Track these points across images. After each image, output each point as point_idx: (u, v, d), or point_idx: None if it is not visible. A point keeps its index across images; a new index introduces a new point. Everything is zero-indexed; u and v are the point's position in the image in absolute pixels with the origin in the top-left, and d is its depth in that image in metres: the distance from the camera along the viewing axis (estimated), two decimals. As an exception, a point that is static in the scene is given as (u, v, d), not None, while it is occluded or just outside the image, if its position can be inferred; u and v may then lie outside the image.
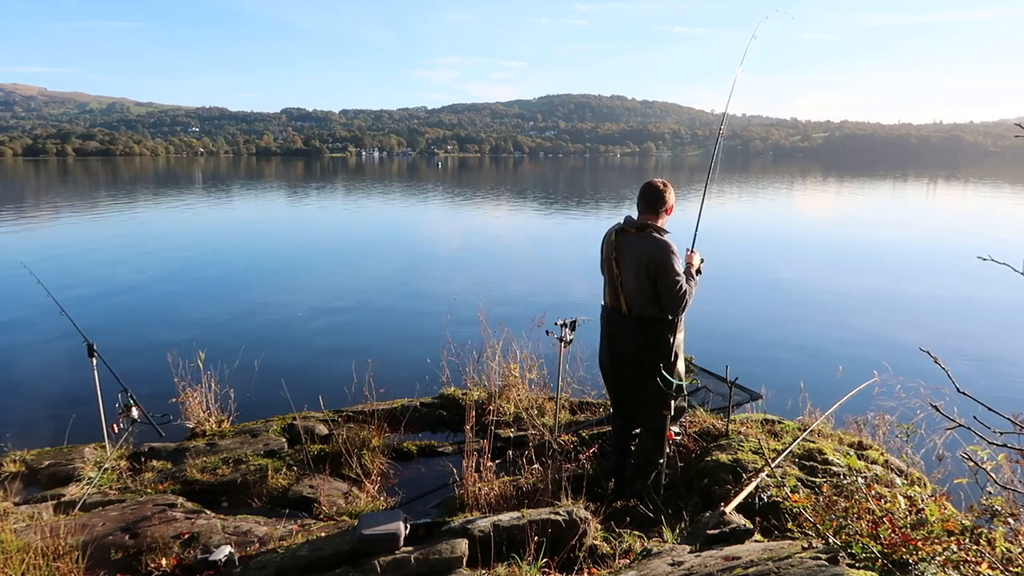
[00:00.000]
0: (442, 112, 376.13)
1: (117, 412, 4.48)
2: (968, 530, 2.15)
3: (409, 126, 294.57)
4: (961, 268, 14.73)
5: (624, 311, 3.68)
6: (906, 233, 22.45)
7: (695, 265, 3.81)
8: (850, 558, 2.15)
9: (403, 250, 18.58)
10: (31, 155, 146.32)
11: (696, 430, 4.46)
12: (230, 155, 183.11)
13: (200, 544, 3.23)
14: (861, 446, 4.35)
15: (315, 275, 14.55)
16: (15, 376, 7.73)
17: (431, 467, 4.73)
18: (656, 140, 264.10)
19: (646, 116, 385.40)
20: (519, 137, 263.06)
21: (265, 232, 22.44)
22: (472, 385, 5.71)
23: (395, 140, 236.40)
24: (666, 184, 3.68)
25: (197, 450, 4.74)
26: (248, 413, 5.55)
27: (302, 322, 10.23)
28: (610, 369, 3.90)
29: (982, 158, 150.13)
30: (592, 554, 3.09)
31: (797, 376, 5.76)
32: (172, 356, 5.37)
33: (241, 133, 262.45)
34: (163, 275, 14.13)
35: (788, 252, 18.19)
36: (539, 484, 3.67)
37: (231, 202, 34.86)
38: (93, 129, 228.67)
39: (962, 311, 10.85)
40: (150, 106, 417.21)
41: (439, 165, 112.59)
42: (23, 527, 3.30)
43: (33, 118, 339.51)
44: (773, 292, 12.86)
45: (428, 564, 2.82)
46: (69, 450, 4.77)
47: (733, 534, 2.91)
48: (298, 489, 4.24)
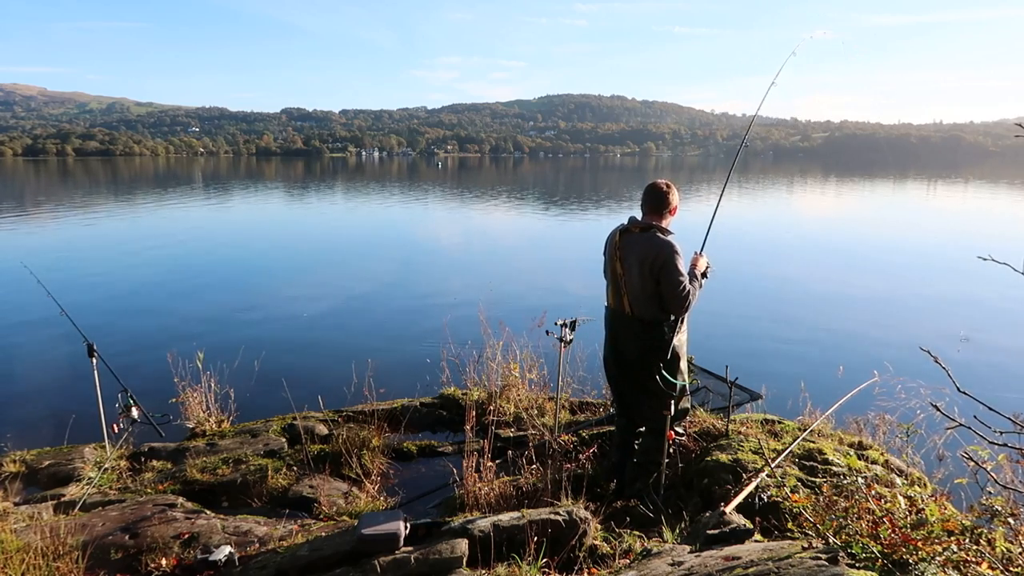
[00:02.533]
0: (442, 112, 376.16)
1: (117, 412, 4.48)
2: (968, 530, 2.15)
3: (409, 126, 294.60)
4: (961, 268, 14.73)
5: (627, 312, 3.68)
6: (906, 233, 22.45)
7: (701, 268, 3.80)
8: (850, 558, 2.15)
9: (403, 250, 18.58)
10: (31, 155, 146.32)
11: (696, 430, 4.46)
12: (230, 155, 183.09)
13: (200, 544, 3.23)
14: (861, 446, 4.35)
15: (315, 275, 14.55)
16: (15, 376, 7.73)
17: (431, 467, 4.73)
18: (656, 140, 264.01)
19: (646, 116, 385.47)
20: (519, 137, 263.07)
21: (265, 232, 22.44)
22: (472, 385, 5.71)
23: (395, 140, 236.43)
24: (669, 185, 3.70)
25: (197, 450, 4.74)
26: (248, 413, 5.55)
27: (302, 322, 10.23)
28: (614, 369, 3.91)
29: (982, 158, 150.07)
30: (592, 554, 3.09)
31: (797, 376, 5.76)
32: (172, 356, 5.36)
33: (241, 133, 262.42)
34: (163, 275, 14.13)
35: (788, 252, 18.18)
36: (539, 484, 3.67)
37: (231, 202, 34.86)
38: (93, 129, 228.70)
39: (962, 311, 10.84)
40: (150, 106, 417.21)
41: (439, 165, 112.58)
42: (23, 527, 3.29)
43: (33, 118, 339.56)
44: (773, 292, 12.86)
45: (428, 564, 2.82)
46: (69, 450, 4.77)
47: (733, 534, 2.91)
48: (298, 489, 4.24)
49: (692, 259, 3.80)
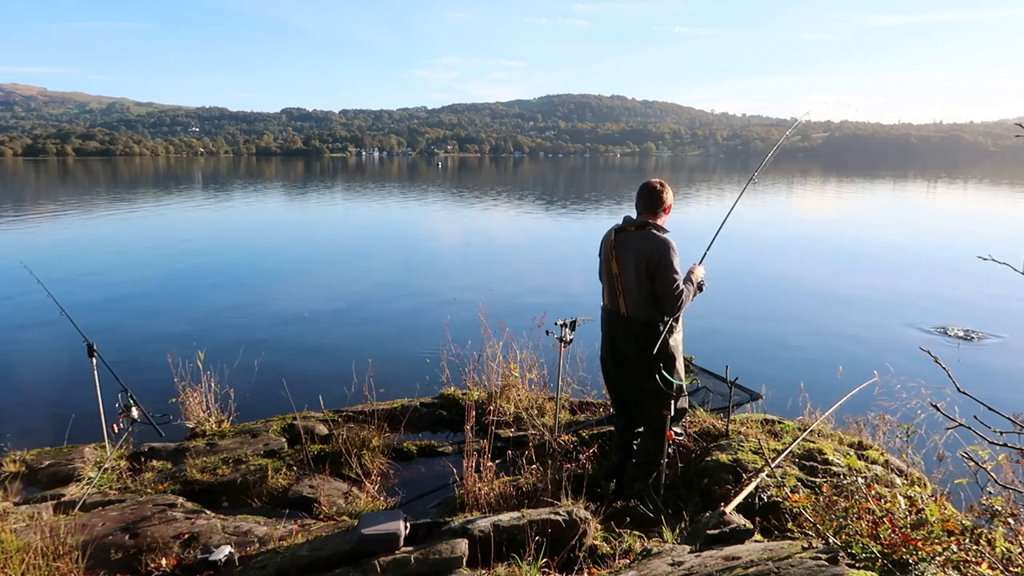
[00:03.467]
0: (442, 112, 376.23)
1: (117, 412, 4.47)
2: (968, 530, 2.15)
3: (409, 126, 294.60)
4: (961, 268, 14.73)
5: (623, 312, 3.68)
6: (906, 233, 22.44)
7: (697, 277, 3.77)
8: (850, 558, 2.15)
9: (403, 250, 18.58)
10: (31, 155, 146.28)
11: (696, 430, 4.46)
12: (230, 155, 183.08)
13: (200, 544, 3.23)
14: (861, 446, 4.35)
15: (315, 275, 14.55)
16: (15, 376, 7.73)
17: (431, 467, 4.72)
18: (656, 140, 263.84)
19: (646, 116, 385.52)
20: (519, 137, 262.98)
21: (265, 232, 22.43)
22: (472, 385, 5.71)
23: (395, 140, 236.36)
24: (663, 184, 3.70)
25: (197, 450, 4.74)
26: (248, 413, 5.55)
27: (302, 322, 10.23)
28: (612, 369, 3.91)
29: (982, 158, 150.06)
30: (592, 554, 3.09)
31: (797, 376, 5.76)
32: (172, 356, 5.37)
33: (241, 133, 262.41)
34: (163, 275, 14.13)
35: (788, 251, 18.18)
36: (539, 484, 3.67)
37: (231, 202, 34.84)
38: (93, 129, 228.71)
39: (962, 311, 10.84)
40: (150, 106, 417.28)
41: (439, 165, 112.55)
42: (23, 527, 3.29)
43: (33, 118, 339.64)
44: (773, 291, 12.86)
45: (428, 564, 2.82)
46: (69, 450, 4.77)
47: (733, 534, 2.91)
48: (298, 489, 4.24)
49: (690, 268, 3.79)
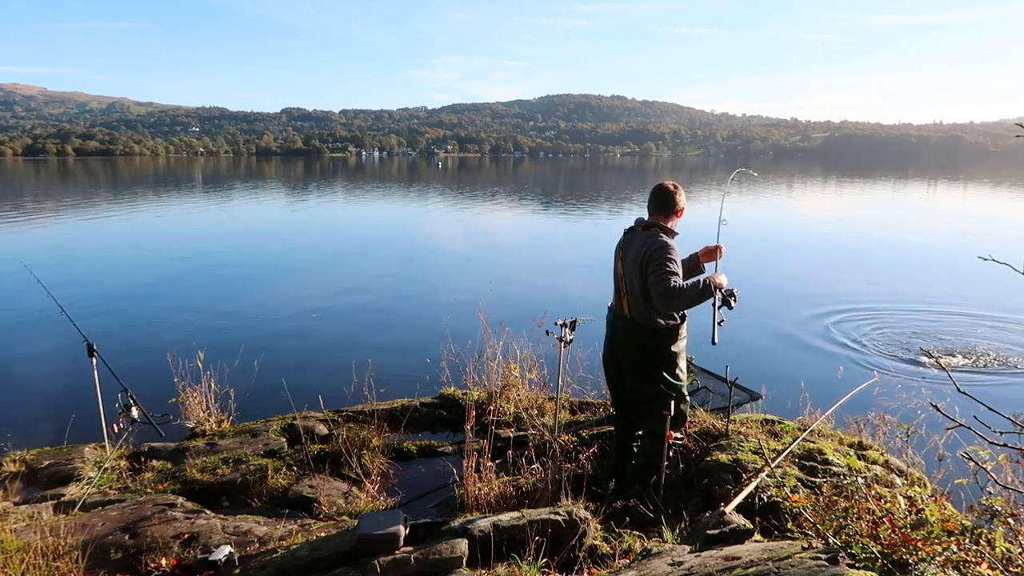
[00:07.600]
0: (442, 112, 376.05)
1: (117, 412, 4.47)
2: (968, 530, 2.15)
3: (409, 126, 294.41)
4: (961, 268, 14.73)
5: (625, 313, 3.67)
6: (907, 233, 22.44)
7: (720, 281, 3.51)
8: (850, 558, 2.15)
9: (403, 250, 18.58)
10: (31, 155, 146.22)
11: (696, 430, 4.46)
12: (230, 155, 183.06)
13: (200, 544, 3.23)
14: (861, 446, 4.35)
15: (315, 275, 14.55)
16: (15, 376, 7.72)
17: (431, 467, 4.72)
18: (656, 140, 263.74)
19: (646, 116, 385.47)
20: (519, 137, 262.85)
21: (265, 232, 22.43)
22: (472, 385, 5.71)
23: (395, 140, 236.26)
24: (677, 186, 3.65)
25: (197, 450, 4.74)
26: (248, 413, 5.55)
27: (302, 322, 10.23)
28: (611, 370, 3.90)
29: (982, 158, 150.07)
30: (592, 554, 3.09)
31: (797, 376, 5.76)
32: (172, 356, 5.36)
33: (241, 133, 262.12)
34: (163, 275, 14.12)
35: (788, 251, 18.17)
36: (539, 484, 3.67)
37: (231, 202, 34.85)
38: (93, 129, 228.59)
39: (962, 311, 10.84)
40: (150, 106, 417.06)
41: (439, 165, 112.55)
42: (23, 527, 3.29)
43: (33, 118, 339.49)
44: (773, 291, 12.85)
45: (428, 564, 2.82)
46: (69, 450, 4.77)
47: (733, 534, 2.91)
48: (298, 489, 4.24)
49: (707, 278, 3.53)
